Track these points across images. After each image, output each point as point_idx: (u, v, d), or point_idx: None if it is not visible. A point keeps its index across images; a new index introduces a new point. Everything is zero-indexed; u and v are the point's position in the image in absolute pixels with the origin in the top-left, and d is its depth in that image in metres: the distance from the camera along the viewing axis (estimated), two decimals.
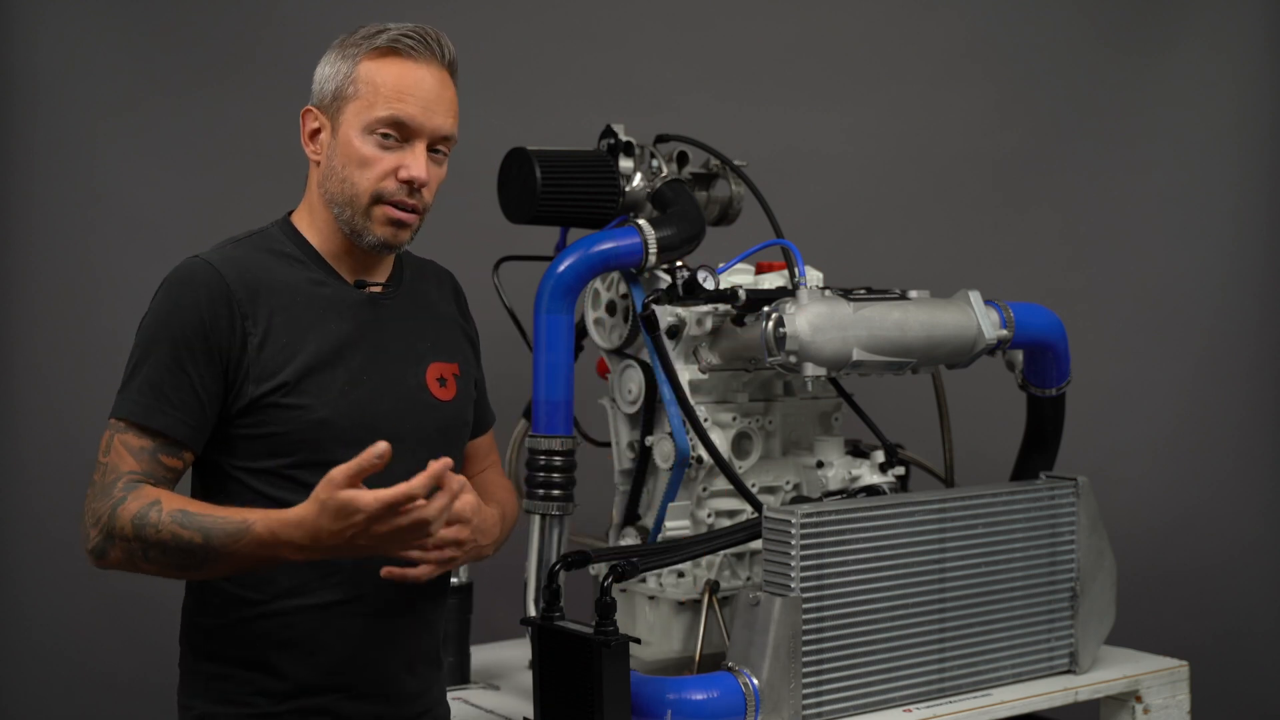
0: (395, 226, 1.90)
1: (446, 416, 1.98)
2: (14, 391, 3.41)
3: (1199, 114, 3.84)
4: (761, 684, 2.12)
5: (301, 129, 1.94)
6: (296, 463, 1.84)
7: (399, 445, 1.88)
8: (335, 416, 1.85)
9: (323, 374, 1.86)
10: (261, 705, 1.86)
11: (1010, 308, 2.52)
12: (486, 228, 2.88)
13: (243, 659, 1.87)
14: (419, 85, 1.88)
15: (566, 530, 2.47)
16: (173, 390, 1.81)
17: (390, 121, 1.87)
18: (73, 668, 3.41)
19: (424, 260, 2.13)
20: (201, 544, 1.71)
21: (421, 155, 1.88)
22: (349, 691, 1.89)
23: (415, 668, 1.97)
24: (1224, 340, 3.82)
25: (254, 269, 1.88)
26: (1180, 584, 3.73)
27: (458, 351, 2.05)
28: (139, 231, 3.46)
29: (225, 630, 1.88)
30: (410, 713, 1.97)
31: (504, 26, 3.65)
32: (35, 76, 3.39)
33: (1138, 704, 2.54)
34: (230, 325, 1.82)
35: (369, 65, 1.88)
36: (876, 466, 2.54)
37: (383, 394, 1.91)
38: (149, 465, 1.81)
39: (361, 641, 1.90)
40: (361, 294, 1.94)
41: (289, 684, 1.86)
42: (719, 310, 2.48)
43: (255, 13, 3.53)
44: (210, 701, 1.88)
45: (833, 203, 3.75)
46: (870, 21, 3.83)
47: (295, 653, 1.86)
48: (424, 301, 2.04)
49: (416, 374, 1.96)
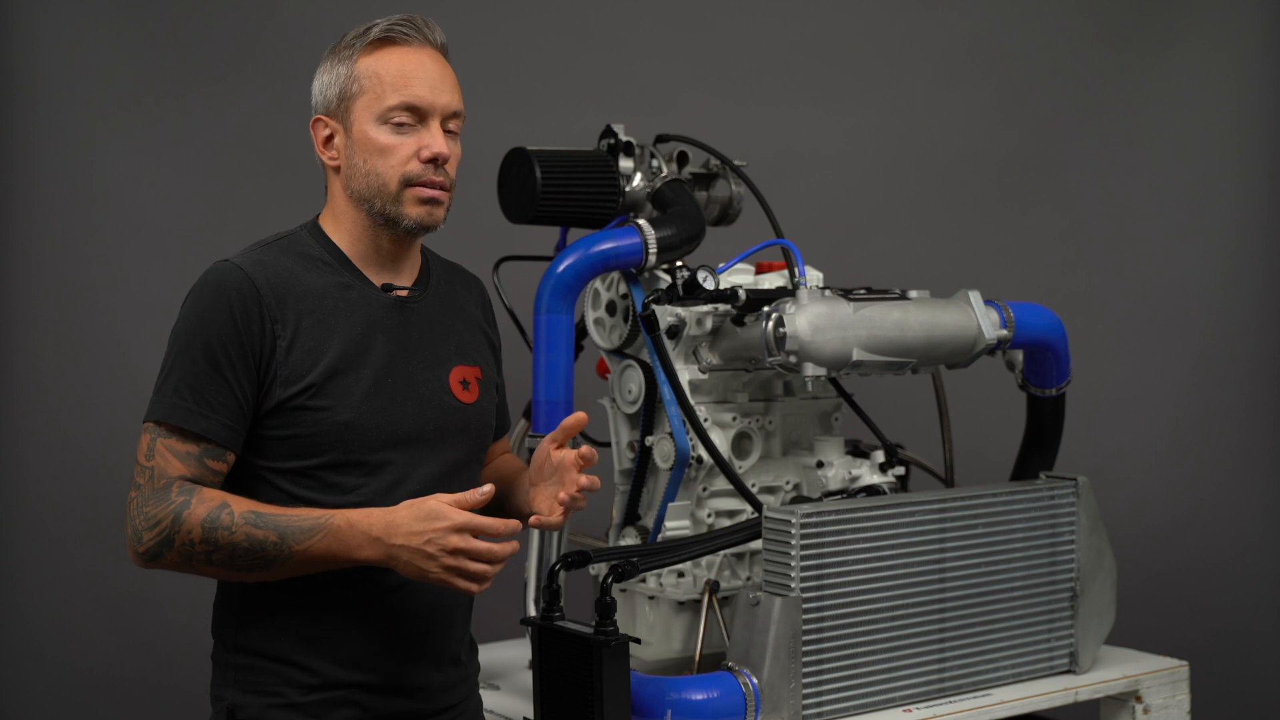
0: (429, 205, 1.94)
1: (469, 419, 2.00)
2: (14, 391, 3.41)
3: (1199, 114, 3.84)
4: (761, 684, 2.12)
5: (314, 139, 1.97)
6: (322, 464, 1.88)
7: (422, 446, 1.92)
8: (359, 419, 1.88)
9: (347, 377, 1.89)
10: (289, 695, 1.90)
11: (1010, 308, 2.52)
12: (486, 228, 2.88)
13: (269, 652, 1.91)
14: (421, 67, 1.92)
15: (566, 530, 2.48)
16: (214, 394, 1.84)
17: (402, 106, 1.90)
18: (73, 668, 3.41)
19: (453, 264, 2.15)
20: (276, 542, 1.78)
21: (438, 133, 1.92)
22: (372, 686, 1.93)
23: (440, 664, 1.99)
24: (1224, 340, 3.83)
25: (282, 273, 1.91)
26: (1180, 584, 3.73)
27: (480, 355, 2.07)
28: (139, 231, 3.46)
29: (253, 625, 1.92)
30: (436, 707, 2.00)
31: (504, 26, 3.65)
32: (35, 76, 3.39)
33: (1138, 704, 2.54)
34: (261, 328, 1.85)
35: (367, 60, 1.92)
36: (876, 466, 2.54)
37: (406, 396, 1.93)
38: (197, 469, 1.83)
39: (384, 637, 1.93)
40: (388, 297, 1.97)
41: (314, 677, 1.90)
42: (719, 310, 2.48)
43: (255, 13, 3.53)
44: (240, 692, 1.92)
45: (833, 203, 3.75)
46: (871, 21, 3.83)
47: (320, 646, 1.90)
48: (451, 304, 2.06)
49: (440, 377, 1.98)
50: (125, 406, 3.50)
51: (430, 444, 1.94)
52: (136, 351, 3.45)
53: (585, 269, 2.43)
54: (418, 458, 1.92)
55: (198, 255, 3.44)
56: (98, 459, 3.39)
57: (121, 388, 3.42)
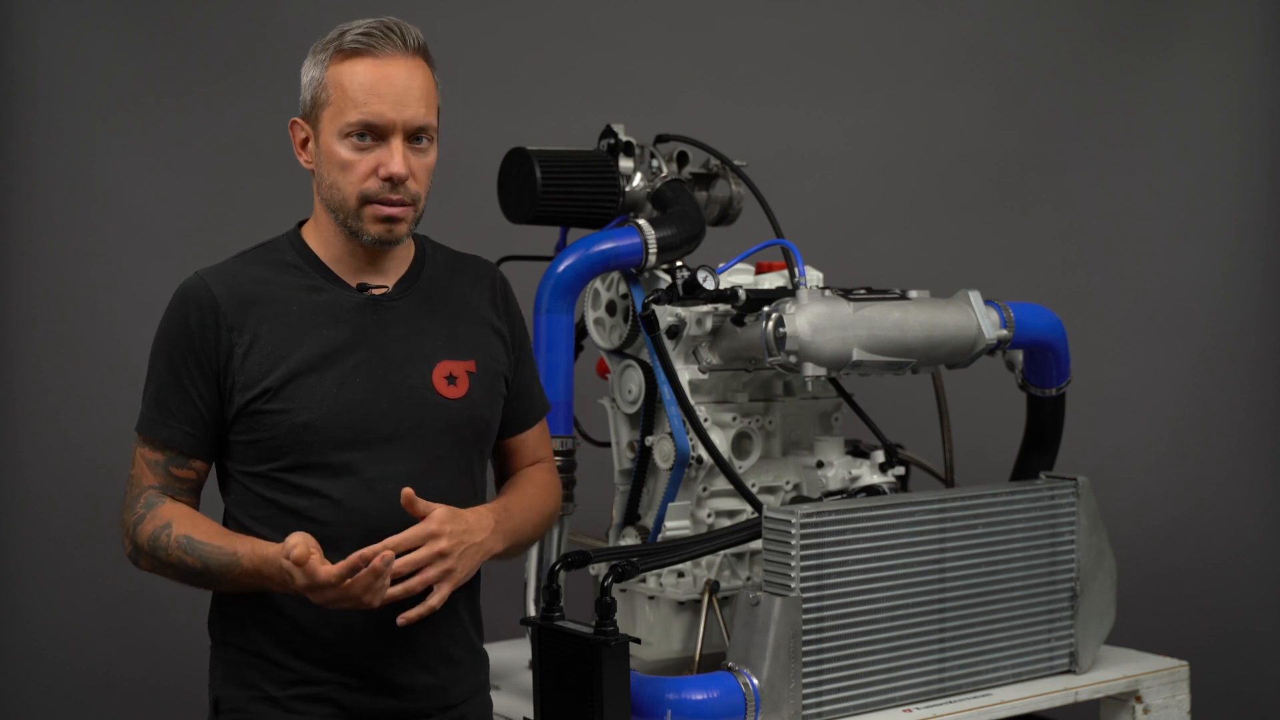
0: (387, 223, 1.93)
1: (453, 414, 1.98)
2: (14, 391, 3.41)
3: (1199, 114, 3.84)
4: (761, 684, 2.12)
5: (293, 140, 1.97)
6: (287, 466, 1.90)
7: (399, 444, 1.92)
8: (320, 419, 1.89)
9: (309, 378, 1.90)
10: (267, 689, 1.93)
11: (1010, 308, 2.52)
12: (486, 228, 2.88)
13: (249, 645, 1.95)
14: (384, 82, 1.89)
15: (566, 530, 2.48)
16: (175, 403, 1.92)
17: (361, 124, 1.89)
18: (73, 668, 3.41)
19: (466, 256, 2.12)
20: (202, 570, 1.87)
21: (398, 151, 1.90)
22: (350, 684, 1.93)
23: (429, 663, 1.98)
24: (1224, 340, 3.83)
25: (248, 282, 1.94)
26: (1180, 584, 3.73)
27: (478, 349, 2.04)
28: (139, 231, 3.46)
29: (236, 618, 1.96)
30: (429, 707, 1.98)
31: (504, 26, 3.65)
32: (35, 76, 3.40)
33: (1138, 704, 2.54)
34: (216, 337, 1.90)
35: (335, 69, 1.91)
36: (876, 466, 2.54)
37: (379, 394, 1.93)
38: (163, 478, 1.93)
39: (362, 635, 1.93)
40: (361, 297, 1.95)
41: (290, 672, 1.92)
42: (719, 310, 2.48)
43: (255, 13, 3.53)
44: (226, 685, 1.96)
45: (833, 203, 3.75)
46: (871, 21, 3.83)
47: (296, 642, 1.92)
48: (442, 299, 2.03)
49: (422, 373, 1.97)
50: (125, 406, 3.47)
51: (408, 441, 1.92)
52: (136, 351, 3.40)
53: (585, 269, 2.43)
54: (393, 455, 1.91)
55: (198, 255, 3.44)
56: (98, 459, 3.39)
57: (121, 388, 3.40)
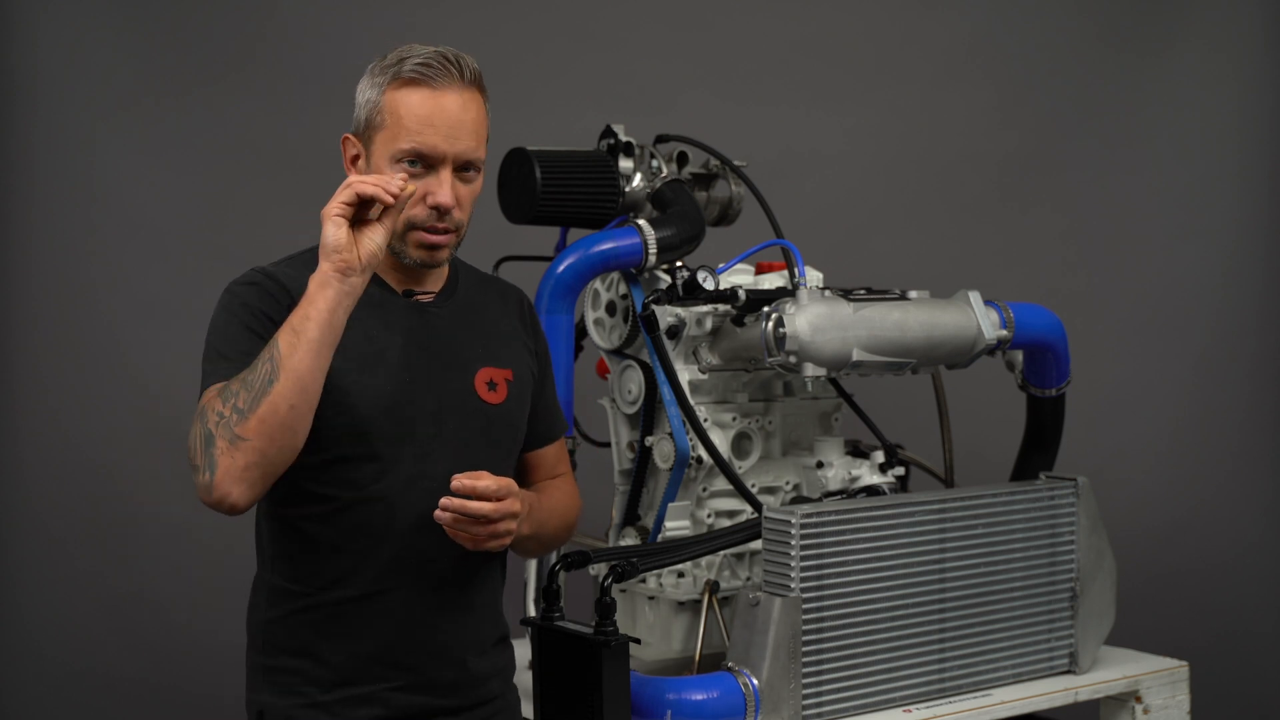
0: (430, 249, 1.97)
1: (493, 418, 2.02)
2: (14, 391, 3.41)
3: (1199, 114, 3.84)
4: (761, 684, 2.12)
5: (343, 154, 1.99)
6: (333, 458, 1.90)
7: (442, 442, 1.94)
8: (371, 414, 1.91)
9: (361, 374, 1.92)
10: (312, 694, 1.93)
11: (1010, 308, 2.52)
12: (487, 228, 2.87)
13: (292, 649, 1.95)
14: (439, 114, 1.92)
15: None
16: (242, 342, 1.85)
17: (413, 153, 1.92)
18: (73, 668, 3.41)
19: (490, 277, 2.19)
20: (271, 372, 1.75)
21: (447, 182, 1.94)
22: (393, 681, 1.95)
23: (465, 660, 2.00)
24: (1224, 340, 3.83)
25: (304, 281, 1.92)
26: (1180, 584, 3.73)
27: (514, 360, 2.09)
28: (139, 231, 3.46)
29: (277, 623, 1.96)
30: (464, 702, 2.00)
31: (504, 26, 3.65)
32: (35, 76, 3.39)
33: (1138, 704, 2.54)
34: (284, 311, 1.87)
35: (392, 95, 1.94)
36: (876, 466, 2.54)
37: (424, 393, 1.96)
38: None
39: (401, 632, 1.95)
40: (409, 302, 1.99)
41: (335, 673, 1.93)
42: (719, 310, 2.48)
43: (255, 13, 3.53)
44: (269, 694, 1.96)
45: (833, 203, 3.75)
46: (871, 21, 3.83)
47: (338, 642, 1.93)
48: (479, 313, 2.09)
49: (464, 377, 2.01)
50: (125, 406, 3.51)
51: (451, 441, 1.95)
52: (136, 351, 3.45)
53: (585, 269, 2.43)
54: (436, 452, 1.93)
55: (198, 255, 3.48)
56: (98, 459, 3.39)
57: (121, 388, 3.42)
